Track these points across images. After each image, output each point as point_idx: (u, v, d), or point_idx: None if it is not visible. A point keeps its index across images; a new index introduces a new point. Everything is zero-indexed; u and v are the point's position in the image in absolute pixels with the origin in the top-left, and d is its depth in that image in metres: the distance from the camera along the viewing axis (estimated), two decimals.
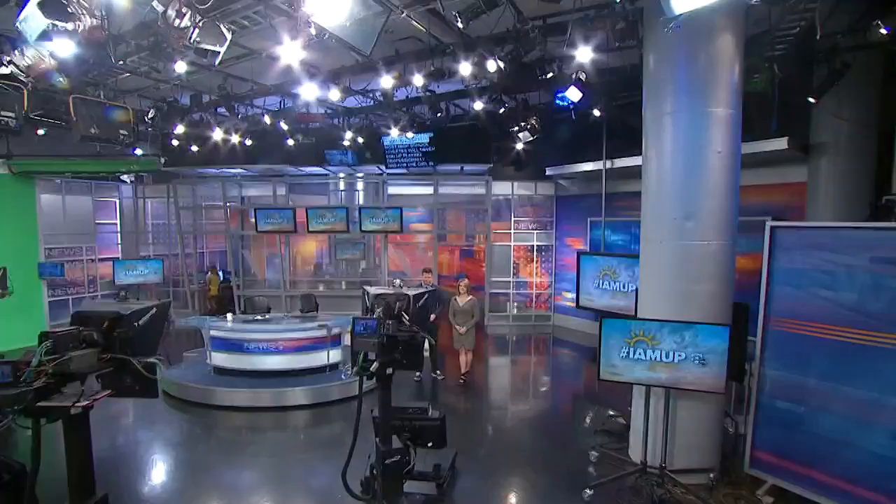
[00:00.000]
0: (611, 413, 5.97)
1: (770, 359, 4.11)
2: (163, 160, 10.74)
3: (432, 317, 7.52)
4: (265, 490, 4.79)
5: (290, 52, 5.12)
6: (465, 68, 5.95)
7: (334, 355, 7.19)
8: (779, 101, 5.86)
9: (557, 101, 7.28)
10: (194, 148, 10.14)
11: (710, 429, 4.38)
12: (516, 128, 9.17)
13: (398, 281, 8.03)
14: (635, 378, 4.20)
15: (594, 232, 10.58)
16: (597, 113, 7.87)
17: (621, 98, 8.04)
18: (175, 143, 9.94)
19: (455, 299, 7.66)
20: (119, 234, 12.99)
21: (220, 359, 7.17)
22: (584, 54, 5.37)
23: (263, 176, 12.16)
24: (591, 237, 10.62)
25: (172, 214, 12.50)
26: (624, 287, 7.85)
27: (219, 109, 9.08)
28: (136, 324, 3.28)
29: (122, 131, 5.98)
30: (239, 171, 11.86)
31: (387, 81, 6.57)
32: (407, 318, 3.55)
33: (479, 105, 7.49)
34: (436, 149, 10.11)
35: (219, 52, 4.41)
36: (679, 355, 3.98)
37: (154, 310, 3.41)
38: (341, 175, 12.21)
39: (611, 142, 9.15)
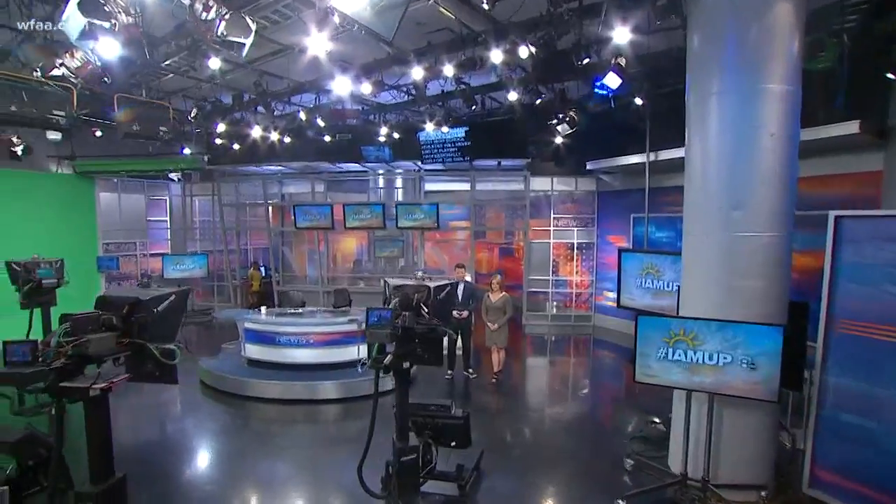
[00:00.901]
0: (655, 420, 5.58)
1: (833, 365, 3.68)
2: (205, 158, 11.12)
3: (465, 313, 7.38)
4: (292, 482, 4.78)
5: (317, 43, 5.11)
6: (496, 56, 5.75)
7: (364, 350, 7.12)
8: (849, 80, 5.26)
9: (596, 90, 6.91)
10: (236, 146, 10.45)
11: (762, 441, 3.96)
12: (554, 121, 8.87)
13: (420, 272, 7.90)
14: (673, 381, 3.87)
15: (637, 228, 10.07)
16: (639, 102, 7.44)
17: (666, 85, 7.56)
18: (218, 141, 10.27)
19: (488, 296, 7.45)
20: (168, 231, 13.58)
21: (253, 351, 7.29)
22: (622, 35, 5.05)
23: (302, 173, 12.38)
24: (635, 234, 10.12)
25: (217, 212, 12.94)
26: (668, 286, 7.37)
27: (258, 108, 9.28)
28: (154, 310, 3.30)
29: (161, 128, 6.18)
30: (278, 168, 12.13)
31: (417, 73, 6.46)
32: (426, 310, 3.40)
33: (513, 96, 7.24)
34: (472, 143, 9.94)
35: (244, 45, 4.42)
36: (724, 358, 3.62)
37: (173, 297, 3.42)
38: (380, 172, 12.24)
39: (655, 133, 8.65)
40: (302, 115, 8.60)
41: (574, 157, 10.26)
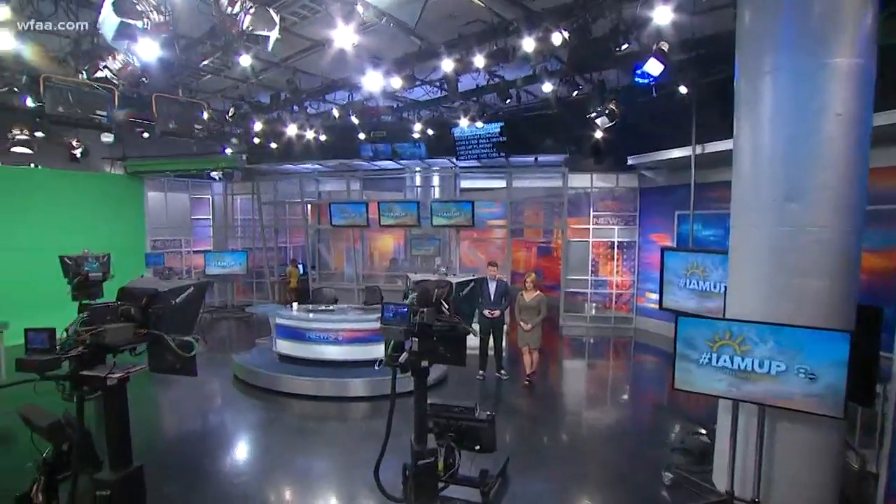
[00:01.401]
0: (699, 430, 5.17)
1: None
2: (244, 157, 11.40)
3: (497, 312, 7.16)
4: (317, 479, 4.73)
5: (343, 36, 5.05)
6: (528, 44, 5.51)
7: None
8: None
9: (637, 79, 6.55)
10: (273, 145, 10.65)
11: (824, 461, 3.54)
12: (593, 114, 8.50)
13: (443, 268, 7.73)
14: (717, 390, 3.52)
15: (682, 226, 9.53)
16: (683, 90, 6.97)
17: (713, 73, 7.07)
18: (256, 140, 10.50)
19: (521, 294, 7.20)
20: (211, 228, 14.03)
21: (284, 346, 7.35)
22: (663, 16, 4.70)
23: (338, 171, 12.49)
24: (679, 232, 9.57)
25: (256, 210, 13.26)
26: (715, 287, 6.86)
27: (294, 107, 9.40)
28: (172, 301, 3.29)
29: (197, 126, 6.31)
30: (314, 166, 12.27)
31: (448, 65, 6.30)
32: (447, 306, 3.22)
33: (548, 87, 6.95)
34: (507, 139, 9.68)
35: (269, 38, 4.40)
36: (777, 366, 3.26)
37: (191, 289, 3.40)
38: (416, 170, 12.16)
39: (701, 124, 8.12)
40: (335, 112, 8.62)
41: (614, 152, 9.81)
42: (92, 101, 5.39)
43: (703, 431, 5.07)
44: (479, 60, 6.04)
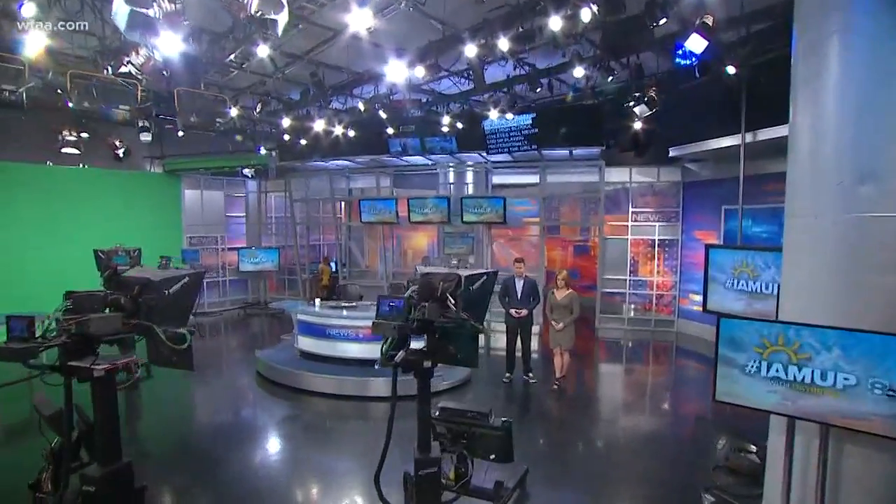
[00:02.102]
0: (749, 448, 4.58)
1: None
2: (273, 154, 11.46)
3: (524, 312, 6.77)
4: (333, 481, 4.52)
5: (358, 19, 4.82)
6: (555, 23, 5.10)
7: (416, 346, 6.82)
8: None
9: (678, 60, 6.03)
10: (303, 142, 10.63)
11: None
12: (631, 102, 7.97)
13: (455, 261, 7.38)
14: (766, 404, 3.02)
15: (730, 223, 8.80)
16: (731, 70, 6.34)
17: (766, 51, 6.40)
18: (286, 137, 10.51)
19: (553, 293, 6.79)
20: (245, 226, 14.24)
21: (305, 343, 7.22)
22: None
23: (369, 168, 12.37)
24: (726, 229, 8.85)
25: (288, 208, 13.35)
26: (766, 287, 6.20)
27: (321, 102, 9.31)
28: (166, 291, 3.13)
29: (218, 119, 6.26)
30: (345, 163, 12.21)
31: (471, 50, 5.97)
32: (454, 302, 2.90)
33: (579, 72, 6.49)
34: (539, 131, 9.25)
35: (278, 22, 4.22)
36: (845, 379, 2.73)
37: (187, 279, 3.24)
38: (450, 165, 11.85)
39: (751, 109, 7.43)
40: (360, 106, 8.45)
41: (655, 144, 9.19)
42: (115, 95, 5.40)
43: (753, 449, 4.50)
44: (503, 44, 5.67)
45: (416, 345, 3.09)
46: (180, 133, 10.12)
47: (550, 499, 4.14)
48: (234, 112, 8.69)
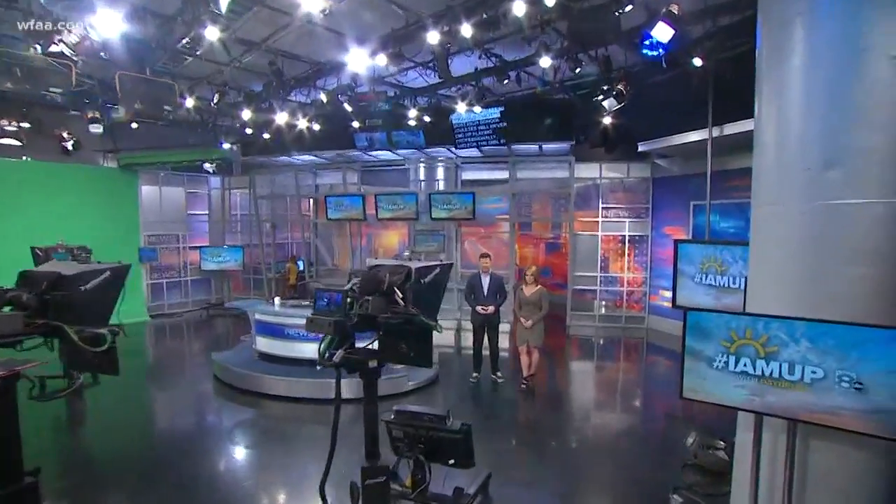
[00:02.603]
0: (718, 444, 4.47)
1: None
2: (233, 148, 11.00)
3: (491, 308, 6.57)
4: (293, 488, 4.21)
5: (311, 1, 4.53)
6: (519, 8, 4.91)
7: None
8: None
9: (645, 51, 5.92)
10: (266, 135, 10.22)
11: (871, 489, 2.86)
12: (600, 95, 7.88)
13: (407, 253, 7.15)
14: (733, 400, 2.88)
15: (698, 218, 8.81)
16: (698, 63, 6.28)
17: (732, 46, 6.37)
18: (248, 131, 10.07)
19: (521, 289, 6.61)
20: (208, 224, 13.69)
21: (263, 344, 6.87)
22: None
23: (335, 163, 12.01)
24: (695, 224, 8.86)
25: (252, 204, 12.88)
26: (734, 282, 6.18)
27: (282, 93, 8.92)
28: (81, 287, 2.80)
29: (166, 107, 5.85)
30: (311, 158, 11.82)
31: (434, 37, 5.75)
32: (401, 295, 2.66)
33: (546, 62, 6.32)
34: (508, 125, 9.08)
35: None
36: (813, 372, 2.60)
37: (107, 273, 2.91)
38: (421, 162, 11.58)
39: (719, 104, 7.42)
40: (323, 98, 8.12)
41: (625, 140, 9.15)
42: (44, 77, 4.96)
43: (722, 445, 4.40)
44: (466, 30, 5.46)
45: (365, 344, 2.85)
46: (134, 125, 9.60)
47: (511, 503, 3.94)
48: (189, 102, 8.26)
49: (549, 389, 7.03)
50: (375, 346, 2.91)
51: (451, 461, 3.53)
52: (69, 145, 10.07)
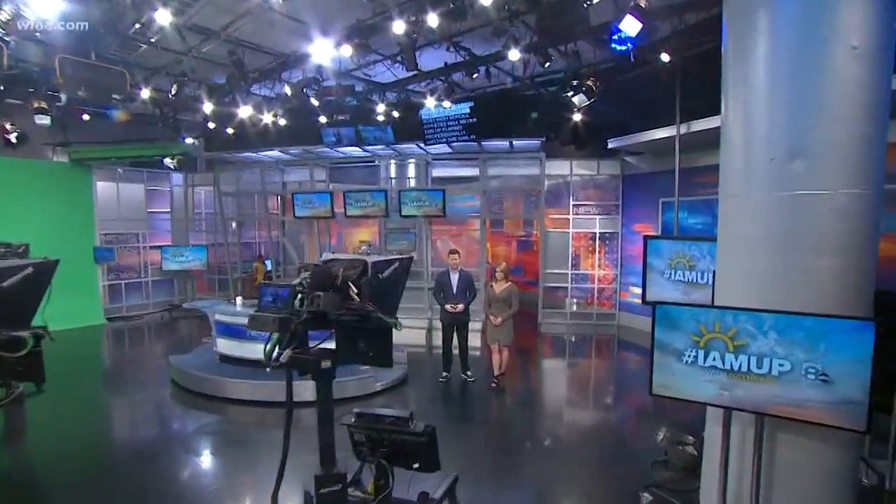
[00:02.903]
0: (687, 439, 4.43)
1: None
2: (195, 143, 10.57)
3: (460, 306, 6.44)
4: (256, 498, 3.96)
5: None
6: None
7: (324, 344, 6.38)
8: None
9: (613, 45, 5.89)
10: (230, 130, 9.85)
11: (837, 481, 2.84)
12: (570, 91, 7.84)
13: (364, 247, 7.00)
14: (703, 396, 2.82)
15: (667, 215, 8.89)
16: (665, 58, 6.29)
17: (699, 44, 6.41)
18: (212, 125, 9.68)
19: (491, 286, 6.50)
20: (171, 222, 13.15)
21: (223, 345, 6.57)
22: None
23: (305, 160, 11.68)
24: (664, 221, 8.94)
25: (217, 202, 12.43)
26: (702, 277, 6.23)
27: (244, 85, 8.59)
28: None
29: (115, 95, 5.49)
30: (278, 154, 11.47)
31: (399, 27, 5.57)
32: (356, 290, 2.48)
33: (515, 55, 6.22)
34: (478, 121, 8.97)
35: None
36: (780, 365, 2.55)
37: (29, 269, 2.64)
38: (392, 159, 11.36)
39: (686, 102, 7.48)
40: (287, 90, 7.83)
41: (595, 138, 9.18)
42: None
43: (691, 440, 4.37)
44: (433, 19, 5.30)
45: (326, 343, 2.67)
46: (85, 117, 9.09)
47: None
48: (145, 93, 7.84)
49: (520, 388, 6.95)
50: (329, 345, 2.74)
51: (416, 465, 3.37)
52: (13, 138, 9.46)
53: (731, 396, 2.72)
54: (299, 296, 2.40)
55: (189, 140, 10.69)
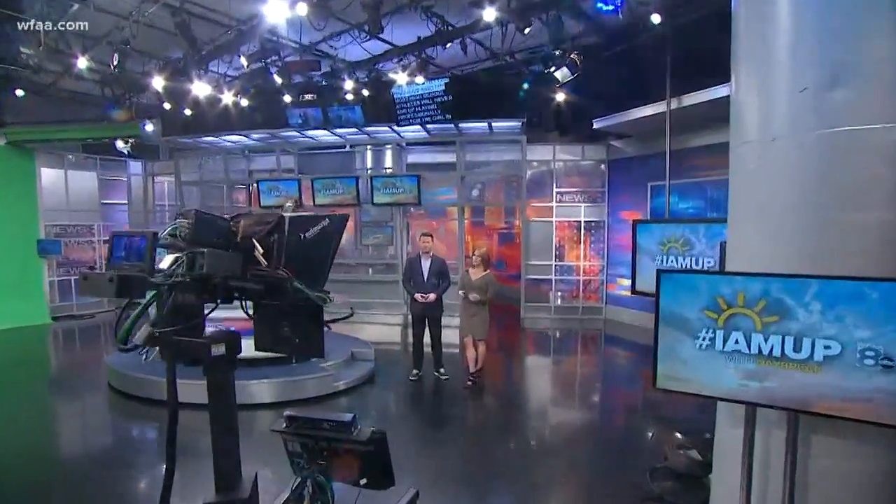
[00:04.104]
0: (687, 443, 3.83)
1: None
2: (147, 124, 9.74)
3: (431, 296, 5.77)
4: None
5: None
6: None
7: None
8: None
9: (600, 4, 5.34)
10: (188, 111, 9.07)
11: (887, 494, 2.25)
12: (552, 67, 7.28)
13: (290, 203, 6.34)
14: (721, 388, 2.20)
15: (656, 200, 8.37)
16: (657, 19, 5.73)
17: (688, 13, 5.90)
18: (167, 106, 8.87)
19: (467, 272, 5.86)
20: (128, 214, 12.25)
21: None
22: None
23: (272, 147, 10.90)
24: (653, 207, 8.41)
25: (177, 192, 11.60)
26: (698, 262, 5.70)
27: (199, 61, 7.82)
28: None
29: (24, 51, 4.72)
30: (243, 140, 10.68)
31: None
32: (261, 250, 1.81)
33: (490, 14, 5.60)
34: (454, 99, 8.33)
35: None
36: (826, 348, 1.95)
37: None
38: (367, 147, 10.64)
39: (676, 75, 6.96)
40: (243, 61, 7.10)
41: (579, 121, 8.63)
42: None
43: (688, 441, 3.77)
44: None
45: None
46: (19, 92, 8.21)
47: None
48: (83, 63, 7.03)
49: (499, 387, 6.31)
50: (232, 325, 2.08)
51: (363, 481, 2.70)
52: None
53: (760, 390, 2.11)
54: (173, 255, 1.72)
55: (150, 127, 9.87)
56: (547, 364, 7.83)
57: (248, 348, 5.58)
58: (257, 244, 1.82)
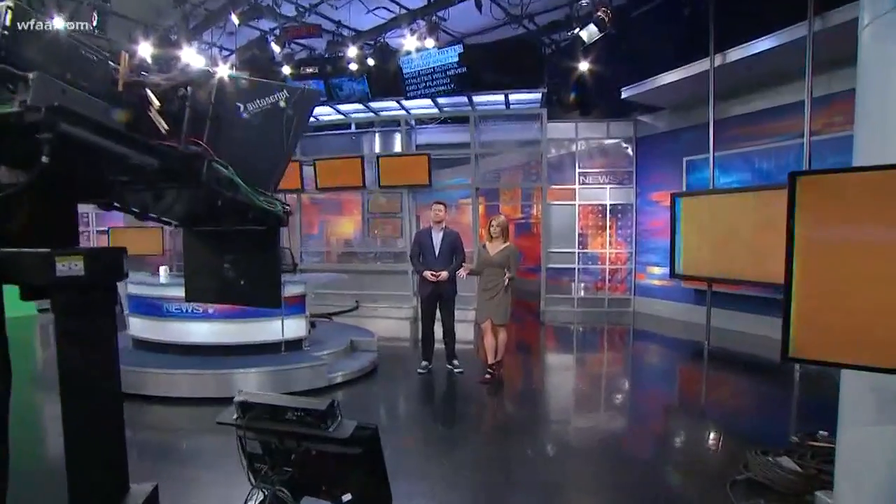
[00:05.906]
0: (760, 450, 2.97)
1: None
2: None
3: (443, 274, 4.99)
4: None
5: None
6: None
7: (293, 327, 4.91)
8: None
9: None
10: None
11: None
12: (576, 28, 6.57)
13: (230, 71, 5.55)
14: None
15: (693, 175, 7.51)
16: None
17: None
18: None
19: (484, 247, 5.07)
20: None
21: (137, 326, 5.08)
22: None
23: None
24: (689, 183, 7.54)
25: None
26: None
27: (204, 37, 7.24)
28: None
29: None
30: None
31: None
32: (158, 105, 1.07)
33: None
34: (468, 70, 7.58)
35: None
36: None
37: None
38: (374, 131, 9.95)
39: (718, 27, 6.16)
40: (234, 20, 6.44)
41: (605, 92, 7.83)
42: None
43: (764, 450, 2.92)
44: None
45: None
46: None
47: None
48: (59, 23, 6.40)
49: (520, 383, 5.48)
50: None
51: (346, 496, 1.94)
52: None
53: None
54: None
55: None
56: (573, 361, 6.95)
57: (224, 333, 4.85)
58: (152, 96, 1.06)
